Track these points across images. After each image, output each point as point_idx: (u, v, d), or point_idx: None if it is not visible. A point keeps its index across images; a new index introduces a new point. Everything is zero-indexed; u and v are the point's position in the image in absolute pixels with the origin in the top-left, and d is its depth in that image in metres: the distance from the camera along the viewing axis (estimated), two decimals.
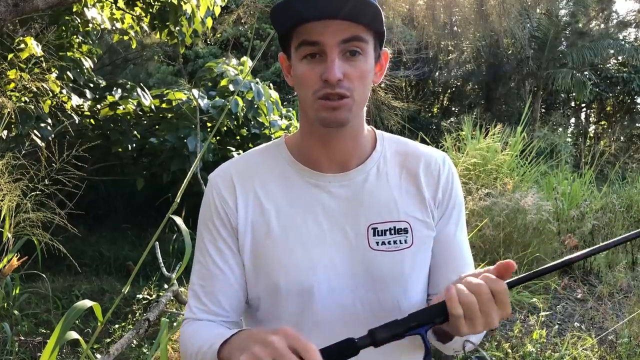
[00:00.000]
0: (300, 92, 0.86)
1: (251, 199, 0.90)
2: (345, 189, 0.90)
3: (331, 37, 0.80)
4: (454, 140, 5.85)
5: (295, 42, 0.83)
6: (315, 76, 0.81)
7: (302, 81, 0.84)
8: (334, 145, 0.89)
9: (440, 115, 15.30)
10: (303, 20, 0.80)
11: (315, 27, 0.80)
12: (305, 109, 0.87)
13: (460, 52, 14.86)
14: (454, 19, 13.69)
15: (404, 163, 0.94)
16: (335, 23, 0.79)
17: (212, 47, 10.48)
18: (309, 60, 0.82)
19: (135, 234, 5.55)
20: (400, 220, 0.89)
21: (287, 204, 0.89)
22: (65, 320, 1.50)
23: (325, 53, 0.80)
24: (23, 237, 2.62)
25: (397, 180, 0.92)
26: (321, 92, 0.82)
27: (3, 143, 3.68)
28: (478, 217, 4.32)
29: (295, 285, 0.86)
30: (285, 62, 0.91)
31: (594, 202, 5.16)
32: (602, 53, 13.13)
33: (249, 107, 4.88)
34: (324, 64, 0.81)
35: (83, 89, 4.63)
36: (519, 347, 3.01)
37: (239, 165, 0.94)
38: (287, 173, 0.91)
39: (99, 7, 4.06)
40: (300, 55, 0.82)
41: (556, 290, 4.10)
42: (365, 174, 0.91)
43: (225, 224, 0.90)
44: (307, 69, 0.82)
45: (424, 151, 0.96)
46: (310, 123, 0.89)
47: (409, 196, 0.91)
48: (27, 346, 3.00)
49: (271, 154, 0.95)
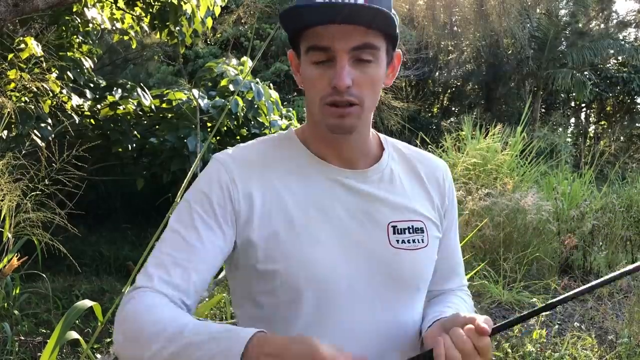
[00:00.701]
0: (308, 94, 0.86)
1: (269, 190, 0.85)
2: (362, 185, 0.89)
3: (342, 44, 0.78)
4: (454, 140, 5.85)
5: (305, 45, 0.81)
6: (324, 81, 0.80)
7: (310, 85, 0.83)
8: (342, 147, 0.89)
9: (440, 115, 15.31)
10: (314, 23, 0.78)
11: (326, 32, 0.78)
12: (312, 112, 0.86)
13: (460, 52, 14.87)
14: (454, 19, 13.71)
15: (410, 167, 0.96)
16: (347, 28, 0.77)
17: (212, 47, 10.48)
18: (319, 65, 0.81)
19: (135, 234, 5.56)
20: (417, 220, 0.90)
21: (305, 198, 0.86)
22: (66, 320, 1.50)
23: (335, 59, 0.79)
24: (23, 237, 2.62)
25: (408, 182, 0.94)
26: (329, 99, 0.80)
27: (3, 143, 3.68)
28: (478, 217, 4.32)
29: (315, 280, 0.82)
30: (294, 60, 0.89)
31: (594, 202, 5.16)
32: (602, 53, 13.14)
33: (249, 107, 4.88)
34: (333, 70, 0.79)
35: (83, 89, 4.63)
36: (518, 347, 3.01)
37: (253, 153, 0.90)
38: (304, 166, 0.88)
39: (99, 7, 4.06)
40: (311, 59, 0.81)
41: (556, 290, 4.10)
42: (380, 173, 0.91)
43: (224, 205, 0.83)
44: (316, 74, 0.81)
45: (428, 157, 1.00)
46: (316, 125, 0.88)
47: (421, 198, 0.94)
48: (27, 346, 3.00)
49: (285, 145, 0.92)
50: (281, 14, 0.79)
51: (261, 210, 0.84)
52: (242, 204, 0.83)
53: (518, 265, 4.25)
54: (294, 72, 0.90)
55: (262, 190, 0.85)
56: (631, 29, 17.12)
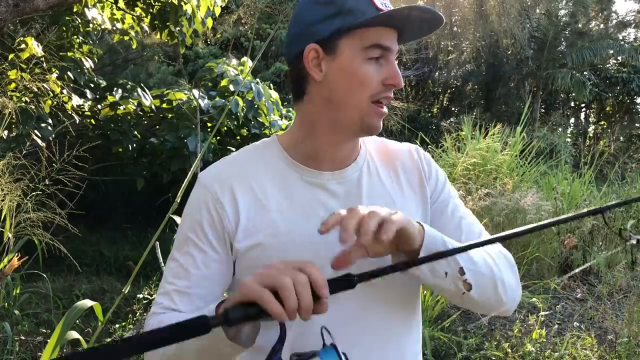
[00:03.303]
0: (350, 92, 0.84)
1: (251, 201, 0.87)
2: (342, 186, 0.90)
3: (396, 46, 0.86)
4: (453, 140, 5.85)
5: (364, 41, 0.82)
6: (378, 79, 0.83)
7: (360, 81, 0.83)
8: (342, 148, 0.90)
9: (440, 115, 15.30)
10: (407, 23, 0.84)
11: (389, 34, 0.84)
12: (348, 110, 0.85)
13: (460, 52, 14.88)
14: (454, 19, 13.71)
15: (387, 160, 0.97)
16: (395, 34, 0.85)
17: (213, 47, 10.48)
18: (373, 62, 0.83)
19: (136, 234, 5.56)
20: None
21: (288, 204, 0.87)
22: (66, 319, 1.51)
23: (388, 59, 0.84)
24: (24, 237, 2.62)
25: (387, 176, 0.95)
26: (380, 95, 0.84)
27: (4, 143, 3.68)
28: (478, 217, 4.31)
29: None
30: (320, 54, 0.84)
31: (594, 202, 5.16)
32: (602, 53, 13.15)
33: (249, 107, 4.88)
34: (384, 69, 0.84)
35: (83, 89, 4.64)
36: (518, 347, 3.02)
37: (234, 166, 0.92)
38: (284, 172, 0.90)
39: (100, 7, 4.07)
40: (367, 55, 0.83)
41: (556, 290, 4.11)
42: (358, 170, 0.93)
43: (216, 228, 0.87)
44: (371, 70, 0.83)
45: (400, 147, 1.00)
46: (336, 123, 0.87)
47: (401, 191, 0.94)
48: (27, 346, 3.00)
49: (265, 153, 0.93)
50: (387, 13, 0.81)
51: (246, 223, 0.87)
52: (231, 219, 0.87)
53: (518, 265, 4.25)
54: (308, 68, 0.85)
55: (246, 203, 0.87)
56: (631, 29, 17.14)
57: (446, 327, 3.25)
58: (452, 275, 0.81)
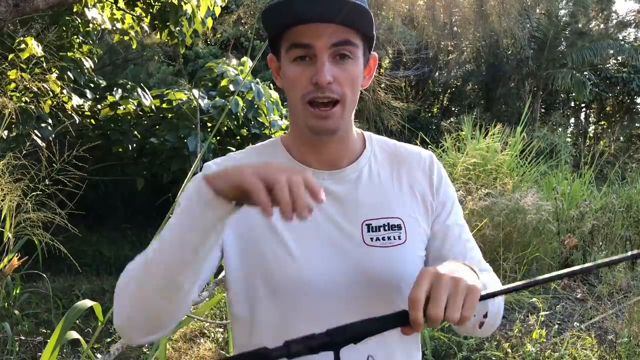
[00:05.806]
0: (290, 95, 0.86)
1: None
2: (339, 186, 0.90)
3: (322, 40, 0.80)
4: (453, 140, 5.85)
5: (286, 43, 0.83)
6: (305, 79, 0.81)
7: (291, 83, 0.84)
8: (323, 149, 0.90)
9: (440, 115, 15.30)
10: (299, 21, 0.80)
11: (308, 30, 0.80)
12: (295, 114, 0.87)
13: (460, 52, 14.87)
14: (454, 19, 13.71)
15: (393, 163, 0.95)
16: (328, 26, 0.79)
17: (213, 47, 10.48)
18: (299, 62, 0.82)
19: (136, 234, 5.56)
20: (394, 217, 0.90)
21: None
22: (66, 320, 1.51)
23: (315, 56, 0.80)
24: (24, 237, 2.63)
25: (389, 179, 0.93)
26: (310, 96, 0.81)
27: (4, 143, 3.68)
28: (478, 217, 4.32)
29: (289, 278, 0.85)
30: (274, 64, 0.90)
31: (594, 202, 5.15)
32: (602, 53, 13.14)
33: (249, 107, 4.89)
34: (314, 67, 0.81)
35: (83, 89, 4.64)
36: (518, 347, 3.02)
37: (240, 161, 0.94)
38: None
39: (100, 7, 4.07)
40: (291, 57, 0.82)
41: (556, 290, 4.11)
42: (358, 172, 0.92)
43: None
44: (297, 71, 0.82)
45: (413, 150, 0.98)
46: (299, 127, 0.89)
47: (401, 194, 0.93)
48: (27, 346, 3.00)
49: (269, 153, 0.94)
50: (266, 9, 0.80)
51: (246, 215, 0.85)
52: None
53: (518, 265, 4.26)
54: (274, 77, 0.91)
55: None
56: (631, 29, 17.14)
57: (446, 327, 3.25)
58: (477, 317, 0.81)
